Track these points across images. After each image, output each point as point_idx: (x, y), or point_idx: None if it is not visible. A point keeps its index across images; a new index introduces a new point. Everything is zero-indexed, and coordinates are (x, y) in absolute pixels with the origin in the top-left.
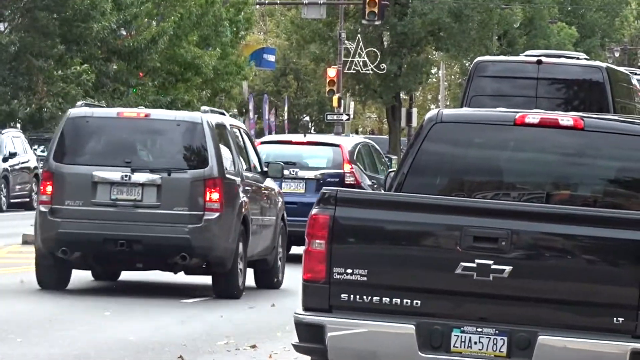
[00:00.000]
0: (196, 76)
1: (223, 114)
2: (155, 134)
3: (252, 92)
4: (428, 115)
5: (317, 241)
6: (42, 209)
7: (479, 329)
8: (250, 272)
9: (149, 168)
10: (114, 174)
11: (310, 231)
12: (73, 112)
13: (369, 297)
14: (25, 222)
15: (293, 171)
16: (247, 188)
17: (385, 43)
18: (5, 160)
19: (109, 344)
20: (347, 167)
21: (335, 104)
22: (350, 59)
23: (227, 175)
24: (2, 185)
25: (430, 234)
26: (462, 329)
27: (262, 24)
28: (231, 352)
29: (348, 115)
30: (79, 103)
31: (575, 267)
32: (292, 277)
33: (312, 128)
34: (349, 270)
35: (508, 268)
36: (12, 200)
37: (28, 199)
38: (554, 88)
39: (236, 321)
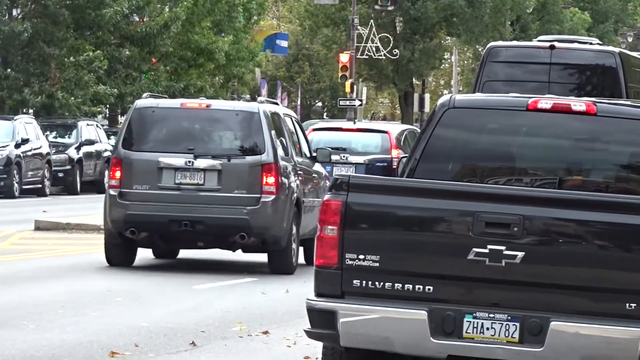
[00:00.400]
0: (209, 62)
1: (277, 104)
2: (216, 122)
3: (264, 78)
4: (440, 100)
5: (330, 227)
6: (112, 192)
7: (491, 315)
8: (301, 250)
9: (210, 154)
10: (178, 160)
11: (323, 217)
12: (140, 103)
13: (381, 283)
14: (37, 208)
15: (343, 156)
16: (298, 172)
17: (398, 28)
18: (17, 146)
19: (121, 330)
20: (394, 153)
21: (347, 89)
22: (363, 44)
23: (281, 161)
24: (15, 172)
25: (442, 219)
26: (474, 314)
27: (275, 9)
28: (243, 338)
29: (361, 100)
30: (145, 95)
31: (587, 253)
32: (309, 263)
33: (325, 114)
34: (361, 256)
35: (520, 254)
36: (24, 187)
37: (40, 185)
38: (566, 73)
39: (249, 307)
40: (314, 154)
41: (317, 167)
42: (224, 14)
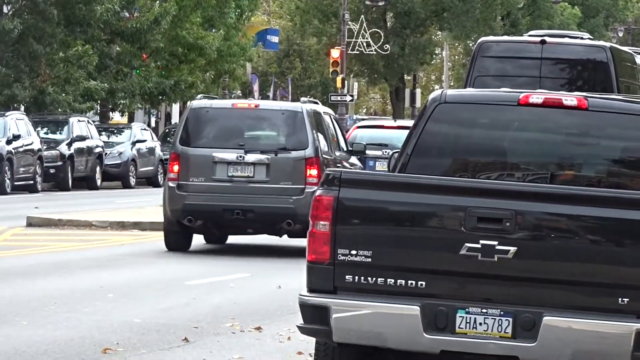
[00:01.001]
0: (200, 57)
1: (317, 103)
2: (264, 121)
3: (255, 74)
4: (432, 95)
5: (322, 222)
6: (171, 184)
7: (484, 310)
8: None
9: (259, 150)
10: (231, 155)
11: (315, 212)
12: (195, 103)
13: (374, 279)
14: (29, 205)
15: (385, 152)
16: (337, 164)
17: (388, 23)
18: (9, 142)
19: (114, 326)
20: None
21: (339, 85)
22: (353, 39)
23: (322, 155)
24: (6, 168)
25: (434, 214)
26: (467, 310)
27: (265, 5)
28: (236, 334)
29: (352, 96)
30: (199, 96)
31: (580, 248)
32: (301, 259)
33: None
34: (354, 252)
35: (512, 249)
36: (16, 183)
37: (32, 182)
38: (557, 68)
39: (241, 303)
40: (351, 148)
41: (353, 159)
42: (215, 9)
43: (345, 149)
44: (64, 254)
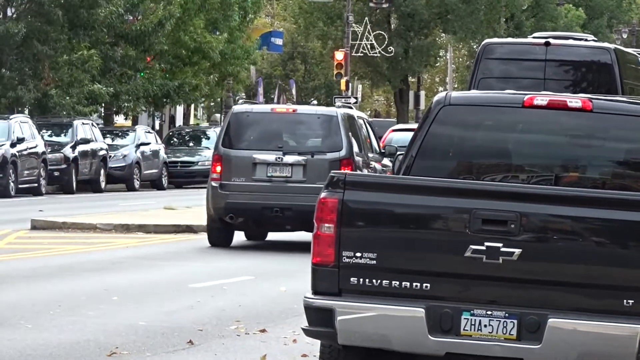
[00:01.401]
0: (203, 60)
1: (351, 107)
2: (301, 124)
3: (260, 76)
4: (436, 97)
5: (326, 225)
6: (213, 184)
7: (489, 312)
8: None
9: (296, 151)
10: (270, 156)
11: (319, 215)
12: (236, 108)
13: (379, 281)
14: (33, 208)
15: None
16: (370, 165)
17: (392, 26)
18: (13, 145)
19: (119, 329)
20: None
21: (343, 87)
22: (357, 42)
23: (356, 156)
24: (11, 171)
25: (439, 216)
26: (472, 312)
27: (269, 7)
28: (241, 337)
29: (356, 98)
30: (240, 101)
31: (585, 250)
32: (306, 261)
33: None
34: (358, 254)
35: (517, 251)
36: (20, 186)
37: (36, 184)
38: (562, 70)
39: (246, 305)
40: (383, 150)
41: (385, 161)
42: (219, 12)
43: (378, 151)
44: (68, 257)
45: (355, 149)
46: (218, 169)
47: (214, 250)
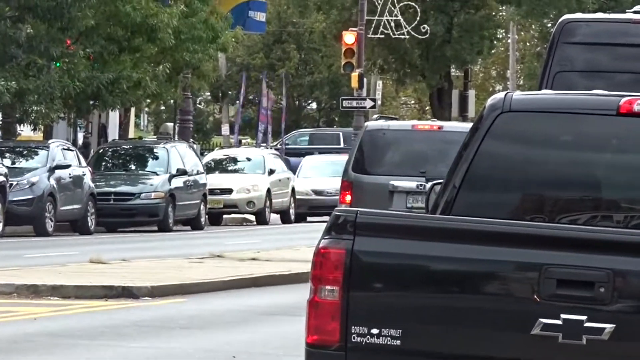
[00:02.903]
0: (149, 43)
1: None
2: (448, 145)
3: (241, 69)
4: (491, 100)
5: (328, 287)
6: None
7: None
8: None
9: (442, 178)
10: (410, 184)
11: (318, 272)
12: (370, 125)
13: None
14: None
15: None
16: None
17: None
18: None
19: None
20: None
21: (354, 84)
22: (376, 17)
23: None
24: None
25: (493, 276)
26: None
27: None
28: None
29: (374, 100)
30: (375, 116)
31: None
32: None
33: (321, 120)
34: (375, 331)
35: (609, 326)
36: None
37: None
38: None
39: None
40: None
41: None
42: None
43: None
44: None
45: None
46: (348, 198)
47: (168, 320)
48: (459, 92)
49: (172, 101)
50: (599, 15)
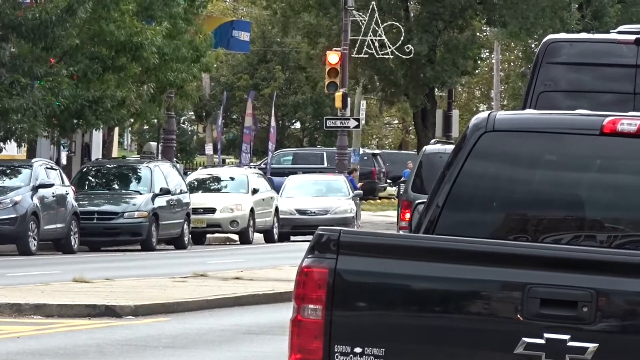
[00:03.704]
0: (133, 62)
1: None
2: None
3: (224, 87)
4: (474, 120)
5: (311, 306)
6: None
7: None
8: None
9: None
10: None
11: (301, 291)
12: (428, 148)
13: None
14: None
15: None
16: None
17: (412, 14)
18: None
19: None
20: None
21: (338, 104)
22: (360, 37)
23: None
24: None
25: (477, 295)
26: None
27: None
28: None
29: (357, 120)
30: (433, 141)
31: None
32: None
33: (305, 139)
34: (358, 349)
35: (592, 346)
36: None
37: None
38: None
39: None
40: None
41: None
42: None
43: None
44: None
45: None
46: (407, 216)
47: (151, 339)
48: (443, 112)
49: (155, 120)
50: (583, 35)
